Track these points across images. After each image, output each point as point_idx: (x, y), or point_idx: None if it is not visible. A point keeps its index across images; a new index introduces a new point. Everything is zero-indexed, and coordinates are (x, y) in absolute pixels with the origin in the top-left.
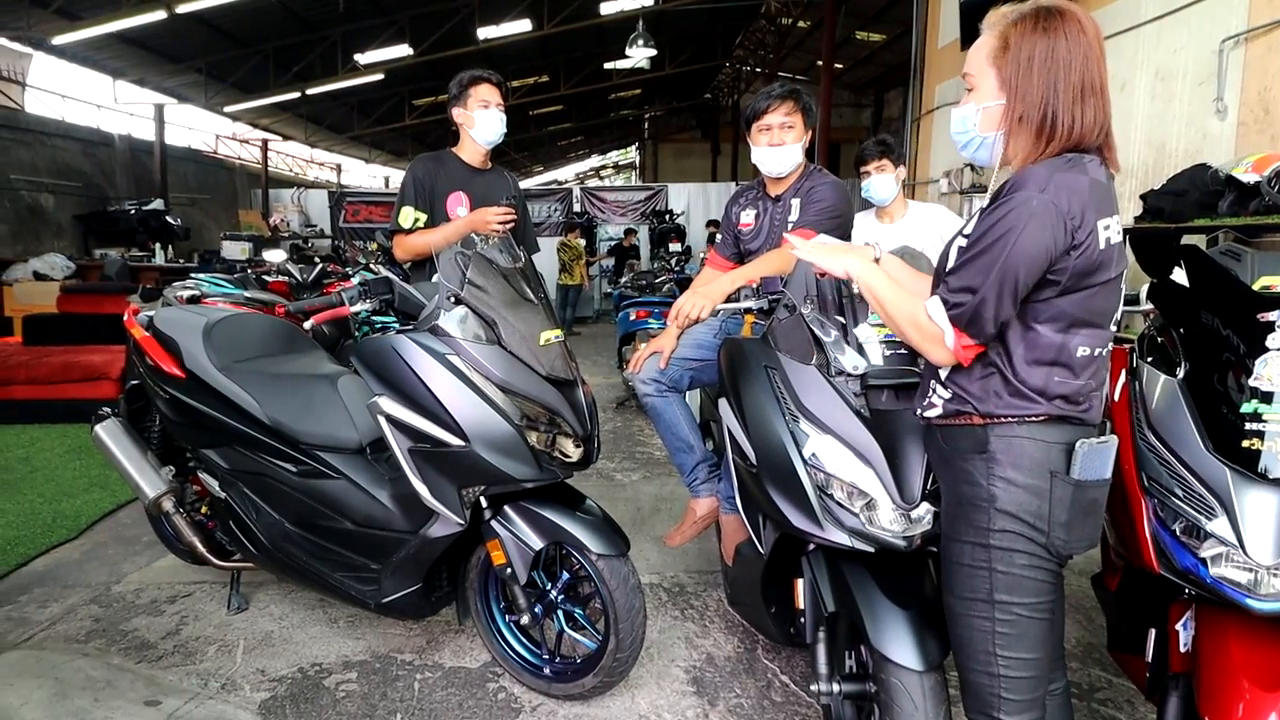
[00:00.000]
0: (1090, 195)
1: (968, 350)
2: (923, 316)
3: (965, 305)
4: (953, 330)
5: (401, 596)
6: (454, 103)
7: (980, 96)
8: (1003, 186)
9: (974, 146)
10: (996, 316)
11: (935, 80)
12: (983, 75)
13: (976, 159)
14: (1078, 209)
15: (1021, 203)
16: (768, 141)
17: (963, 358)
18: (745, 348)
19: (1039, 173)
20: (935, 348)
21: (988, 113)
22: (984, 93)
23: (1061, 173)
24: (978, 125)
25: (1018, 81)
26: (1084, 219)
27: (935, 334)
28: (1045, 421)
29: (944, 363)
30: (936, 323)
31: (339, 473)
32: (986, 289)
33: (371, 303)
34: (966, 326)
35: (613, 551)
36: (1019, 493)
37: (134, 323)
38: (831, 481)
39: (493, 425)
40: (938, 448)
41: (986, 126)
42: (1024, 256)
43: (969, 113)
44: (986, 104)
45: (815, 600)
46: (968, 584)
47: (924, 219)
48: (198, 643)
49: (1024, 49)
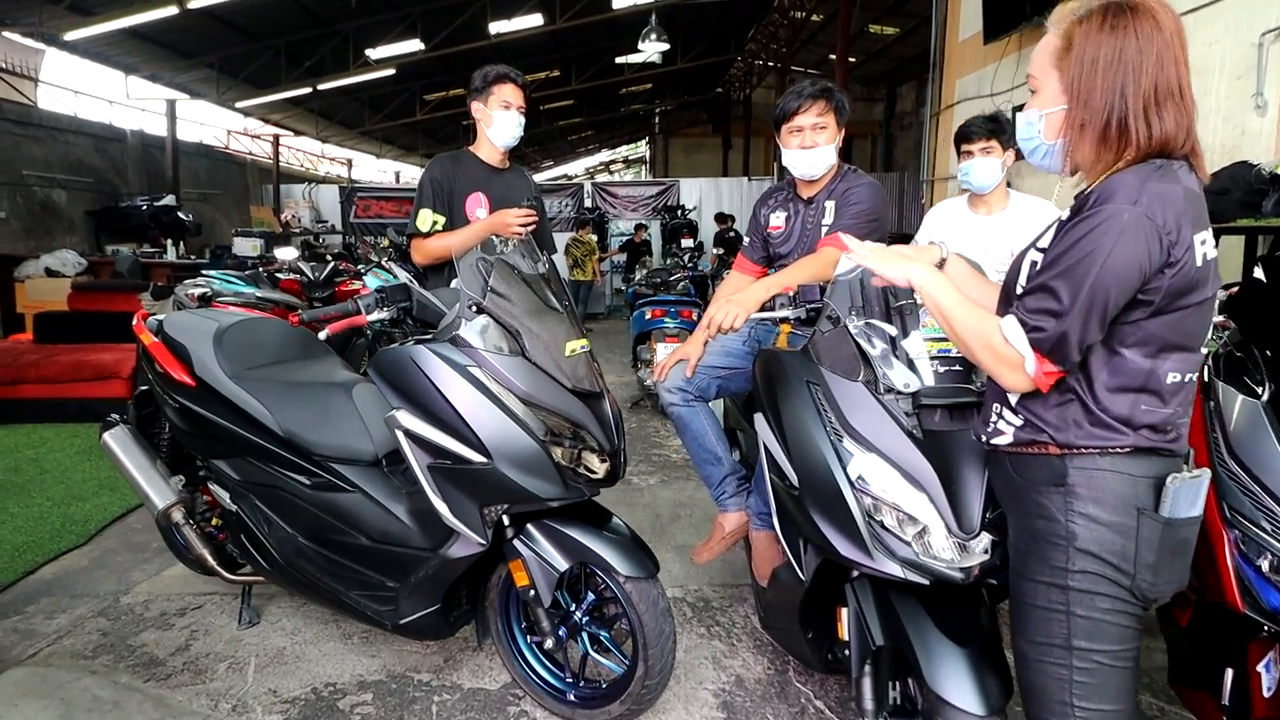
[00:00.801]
0: (1186, 206)
1: (1049, 377)
2: (998, 339)
3: (1049, 329)
4: (1034, 356)
5: (420, 617)
6: (475, 96)
7: (1043, 101)
8: (1087, 198)
9: (1040, 154)
10: (1082, 342)
11: (956, 74)
12: (1046, 78)
13: (1045, 166)
14: (1173, 222)
15: (1111, 216)
16: (799, 144)
17: (1042, 385)
18: (784, 361)
19: (1129, 182)
20: (1012, 373)
21: (1050, 119)
22: (1047, 97)
23: (1154, 182)
24: (1042, 131)
25: (1080, 86)
26: (1180, 233)
27: (1013, 359)
28: (1130, 453)
29: (1019, 389)
30: (1015, 347)
31: (354, 486)
32: (1073, 312)
33: (388, 311)
34: (1050, 352)
35: (641, 573)
36: (1102, 531)
37: (143, 328)
38: (881, 507)
39: (517, 441)
40: (1006, 477)
41: (1052, 132)
42: (1115, 276)
43: (1032, 118)
44: (1049, 109)
45: (862, 632)
46: (1042, 628)
47: (1028, 214)
48: (208, 660)
49: (1088, 50)
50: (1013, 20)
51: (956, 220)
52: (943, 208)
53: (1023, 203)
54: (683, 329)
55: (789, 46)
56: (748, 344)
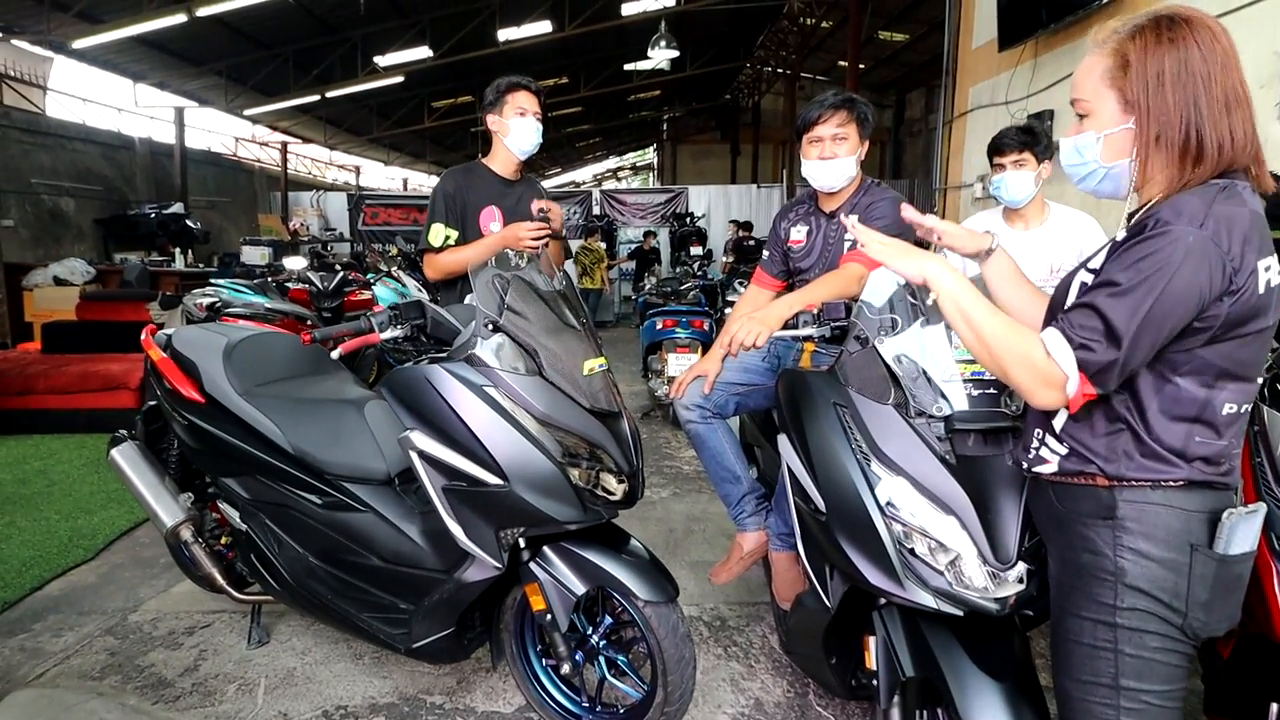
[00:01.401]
0: (1252, 231)
1: (1085, 399)
2: (1039, 354)
3: (1098, 351)
4: (1079, 376)
5: (433, 641)
6: (490, 109)
7: (1100, 123)
8: (1147, 218)
9: (1096, 179)
10: (1127, 367)
11: (969, 82)
12: (1100, 99)
13: (1099, 192)
14: (1238, 248)
15: (1177, 239)
16: (818, 154)
17: (1073, 405)
18: (810, 382)
19: (1193, 203)
20: (1048, 391)
21: (1112, 140)
22: (1104, 118)
23: (1220, 204)
24: (1099, 155)
25: (1148, 101)
26: (1244, 260)
27: (1055, 378)
28: (1184, 487)
29: (1050, 407)
30: (1059, 364)
31: (366, 505)
32: (1126, 336)
33: (402, 329)
34: (1095, 374)
35: (661, 598)
36: (1153, 567)
37: (151, 343)
38: (911, 534)
39: (534, 463)
40: (1048, 506)
41: (1112, 155)
42: (1174, 302)
43: (1086, 142)
44: (1109, 130)
45: (891, 662)
46: (1087, 666)
47: (1069, 228)
48: (217, 680)
49: (1150, 65)
50: (1029, 28)
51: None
52: (975, 220)
53: (1064, 216)
54: (694, 339)
55: (798, 53)
56: (767, 360)
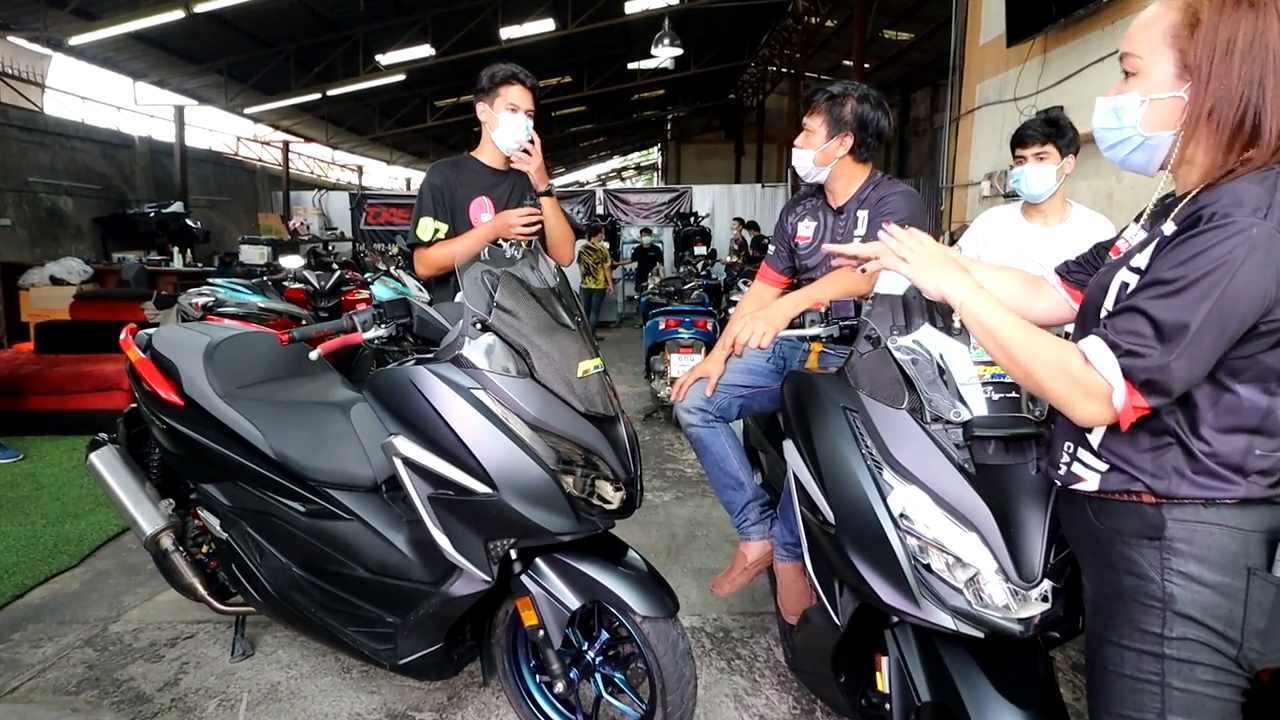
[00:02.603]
0: None
1: (1136, 412)
2: (1076, 363)
3: (1148, 357)
4: (1125, 386)
5: (421, 657)
6: (481, 97)
7: (1149, 85)
8: (1199, 211)
9: (1128, 147)
10: (1189, 378)
11: (976, 79)
12: (1155, 57)
13: (1127, 163)
14: None
15: (1241, 231)
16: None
17: (1125, 421)
18: (818, 385)
19: (1255, 192)
20: (1090, 404)
21: (1159, 106)
22: (1155, 80)
23: None
24: (1139, 121)
25: (1211, 68)
26: None
27: (1098, 389)
28: (1239, 504)
29: (1096, 423)
30: (1102, 374)
31: (351, 514)
32: (1183, 340)
33: (386, 328)
34: (1145, 384)
35: (659, 613)
36: (1205, 593)
37: (130, 343)
38: (928, 549)
39: (525, 471)
40: (1084, 523)
41: (1155, 124)
42: (1239, 300)
43: (1129, 104)
44: (1157, 94)
45: (904, 685)
46: (1130, 699)
47: (1089, 230)
48: (197, 696)
49: (1223, 28)
50: (1038, 23)
51: (1009, 229)
52: (993, 214)
53: (1086, 217)
54: (698, 339)
55: (803, 52)
56: (772, 361)
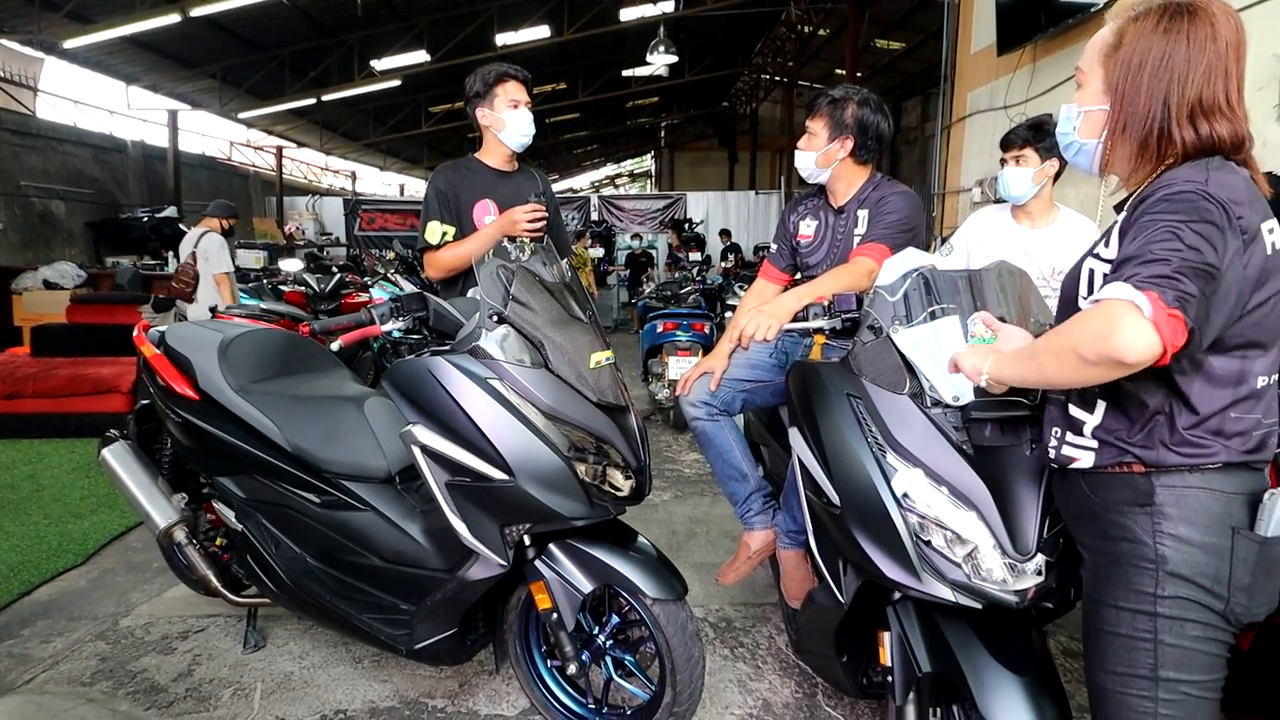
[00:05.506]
0: (1247, 193)
1: (1174, 321)
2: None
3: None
4: (1146, 297)
5: (435, 642)
6: (478, 102)
7: (1085, 97)
8: (1144, 194)
9: (1073, 150)
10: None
11: (967, 87)
12: (1091, 73)
13: (1077, 164)
14: (1242, 203)
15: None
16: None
17: (1173, 336)
18: (822, 373)
19: (1186, 171)
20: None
21: (1090, 117)
22: (1088, 94)
23: (1215, 172)
24: (1077, 128)
25: (1123, 87)
26: (1248, 217)
27: (1120, 312)
28: (1222, 469)
29: (1144, 350)
30: (1110, 296)
31: (366, 504)
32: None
33: (404, 321)
34: (1168, 287)
35: (669, 595)
36: (1194, 553)
37: (144, 339)
38: (928, 525)
39: (540, 457)
40: (1079, 496)
41: (1087, 132)
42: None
43: (1070, 113)
44: (1089, 107)
45: (906, 658)
46: (1124, 657)
47: (1074, 233)
48: (211, 685)
49: (1136, 50)
50: (1028, 32)
51: (998, 228)
52: (984, 214)
53: (1072, 221)
54: (695, 342)
55: (796, 60)
56: (775, 355)
